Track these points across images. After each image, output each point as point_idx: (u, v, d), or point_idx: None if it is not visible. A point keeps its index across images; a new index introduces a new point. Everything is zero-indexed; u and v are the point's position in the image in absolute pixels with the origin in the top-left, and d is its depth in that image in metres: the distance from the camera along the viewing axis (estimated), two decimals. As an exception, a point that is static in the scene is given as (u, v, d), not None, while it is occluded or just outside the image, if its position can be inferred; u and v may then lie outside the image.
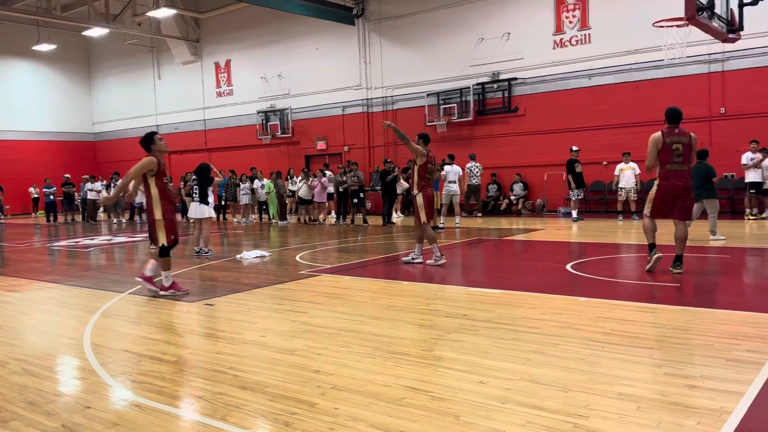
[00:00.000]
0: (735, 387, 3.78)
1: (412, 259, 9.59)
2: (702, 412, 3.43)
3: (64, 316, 6.81)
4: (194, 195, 11.87)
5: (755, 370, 4.06)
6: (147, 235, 14.65)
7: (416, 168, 9.38)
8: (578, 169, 16.44)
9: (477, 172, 18.59)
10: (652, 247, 7.82)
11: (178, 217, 22.50)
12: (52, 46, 27.88)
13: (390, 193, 17.87)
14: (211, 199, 11.92)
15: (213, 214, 12.09)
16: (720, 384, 3.86)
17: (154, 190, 7.33)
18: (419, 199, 9.31)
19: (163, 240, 7.40)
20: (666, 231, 8.81)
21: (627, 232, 13.39)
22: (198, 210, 11.73)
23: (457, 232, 14.57)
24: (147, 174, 7.27)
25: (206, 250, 11.57)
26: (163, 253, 7.47)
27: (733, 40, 11.47)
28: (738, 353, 4.45)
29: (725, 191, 16.77)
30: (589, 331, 5.21)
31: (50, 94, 31.45)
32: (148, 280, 7.53)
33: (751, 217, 14.92)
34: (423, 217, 9.32)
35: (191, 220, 12.91)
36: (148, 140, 7.47)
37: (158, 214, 7.34)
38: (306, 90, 24.58)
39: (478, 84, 20.45)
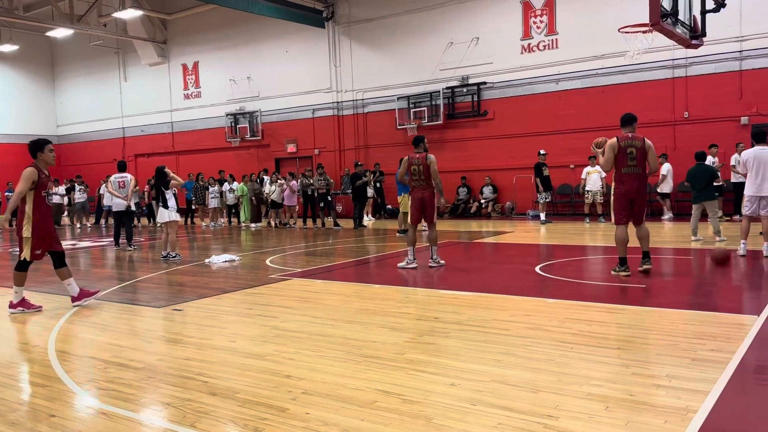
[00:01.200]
0: (700, 386, 3.86)
1: (437, 261, 9.53)
2: (669, 411, 3.50)
3: (27, 323, 6.65)
4: (160, 200, 11.66)
5: (719, 369, 4.15)
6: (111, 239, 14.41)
7: None
8: (546, 172, 16.64)
9: None
10: (623, 261, 7.86)
11: (145, 221, 22.27)
12: (15, 47, 27.24)
13: (360, 197, 17.85)
14: (171, 202, 11.66)
15: (176, 218, 11.82)
16: (686, 383, 3.93)
17: (28, 205, 6.83)
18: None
19: (26, 254, 6.90)
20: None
21: (594, 234, 13.59)
22: (159, 215, 11.62)
23: (423, 235, 14.58)
24: (28, 184, 6.78)
25: (173, 255, 11.41)
26: (22, 267, 6.99)
27: (696, 46, 11.73)
28: (703, 353, 4.54)
29: (687, 194, 17.13)
30: (558, 332, 5.27)
31: (13, 95, 30.71)
32: (21, 304, 7.08)
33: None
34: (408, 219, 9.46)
35: (159, 225, 12.72)
36: (37, 147, 6.95)
37: (27, 232, 6.84)
38: (276, 92, 24.44)
39: (447, 88, 20.57)
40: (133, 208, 14.23)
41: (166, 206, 11.56)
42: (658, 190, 16.57)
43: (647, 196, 7.98)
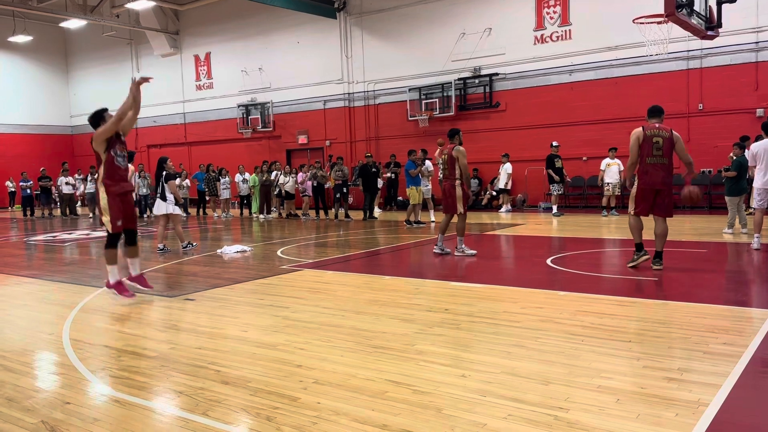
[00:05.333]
0: (712, 379, 3.84)
1: (462, 251, 9.67)
2: (680, 404, 3.49)
3: (42, 311, 6.73)
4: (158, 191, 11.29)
5: (732, 363, 4.13)
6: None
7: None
8: (558, 164, 16.56)
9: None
10: (639, 247, 7.77)
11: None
12: (29, 38, 27.42)
13: (371, 188, 17.82)
14: (170, 196, 11.16)
15: (170, 210, 11.22)
16: (697, 376, 3.92)
17: (101, 170, 6.53)
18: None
19: (108, 227, 6.58)
20: (648, 226, 8.90)
21: (606, 227, 13.51)
22: (156, 207, 11.31)
23: (432, 226, 14.59)
24: (100, 145, 6.44)
25: (184, 245, 11.37)
26: (109, 243, 6.66)
27: (712, 37, 11.61)
28: (715, 346, 4.52)
29: (702, 187, 17.01)
30: (569, 324, 5.26)
31: (27, 86, 30.94)
32: (136, 281, 6.94)
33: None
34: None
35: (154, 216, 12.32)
36: (98, 117, 6.66)
37: (103, 201, 6.55)
38: (287, 84, 24.45)
39: (459, 79, 20.49)
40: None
41: (163, 198, 11.11)
42: (502, 186, 18.40)
43: (671, 188, 7.80)
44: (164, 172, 11.19)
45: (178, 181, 13.95)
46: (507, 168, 18.49)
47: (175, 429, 3.43)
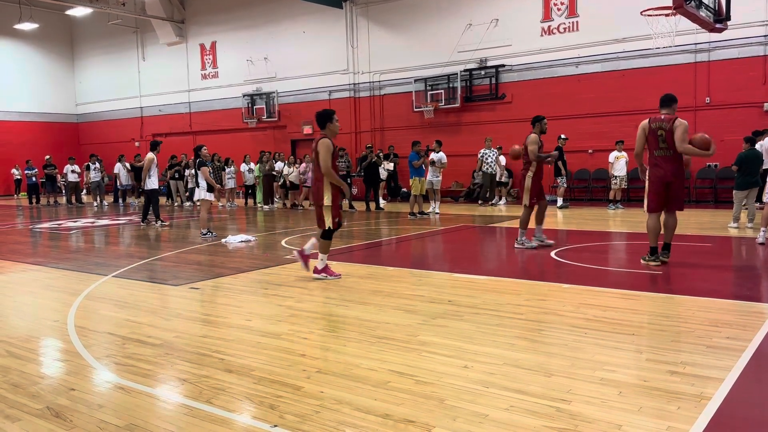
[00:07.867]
0: (715, 373, 3.84)
1: (541, 240, 9.54)
2: (682, 397, 3.49)
3: (47, 299, 6.77)
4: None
5: (734, 357, 4.13)
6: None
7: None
8: (563, 157, 16.48)
9: (491, 161, 17.84)
10: (653, 251, 7.64)
11: (163, 200, 22.40)
12: (35, 25, 27.38)
13: (373, 179, 17.74)
14: (202, 182, 11.81)
15: (201, 196, 11.91)
16: (700, 370, 3.92)
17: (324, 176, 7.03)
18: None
19: (329, 223, 7.18)
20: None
21: (612, 220, 13.48)
22: (195, 193, 11.95)
23: (437, 218, 14.60)
24: (329, 158, 6.97)
25: (204, 232, 11.64)
26: (326, 235, 7.26)
27: (720, 30, 11.55)
28: (718, 340, 4.52)
29: (708, 180, 16.96)
30: (572, 317, 5.27)
31: (33, 74, 30.93)
32: (305, 258, 7.37)
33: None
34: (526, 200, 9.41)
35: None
36: (326, 118, 7.13)
37: (327, 200, 7.10)
38: (292, 73, 24.40)
39: (465, 70, 20.41)
40: (149, 186, 14.29)
41: (197, 185, 11.93)
42: (498, 179, 18.18)
43: (685, 181, 7.67)
44: (198, 159, 11.77)
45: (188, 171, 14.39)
46: (501, 160, 18.22)
47: (179, 416, 3.46)
